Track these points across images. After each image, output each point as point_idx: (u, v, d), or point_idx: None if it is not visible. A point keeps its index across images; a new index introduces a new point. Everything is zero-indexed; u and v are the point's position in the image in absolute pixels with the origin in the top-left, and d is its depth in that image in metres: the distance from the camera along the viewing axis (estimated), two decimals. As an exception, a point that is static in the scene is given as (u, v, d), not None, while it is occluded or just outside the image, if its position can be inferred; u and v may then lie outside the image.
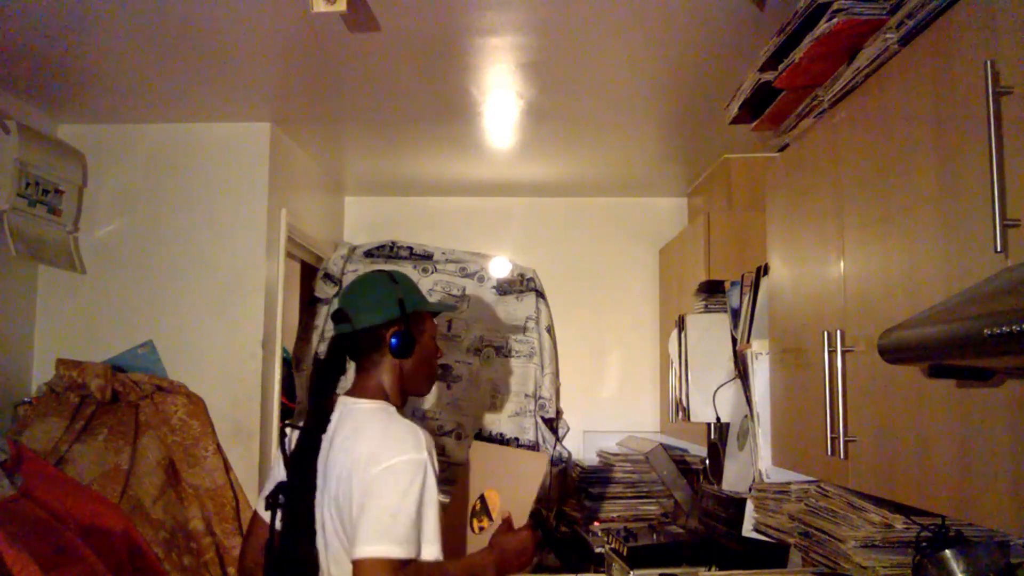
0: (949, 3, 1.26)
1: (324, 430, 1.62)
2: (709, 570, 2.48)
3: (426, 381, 1.78)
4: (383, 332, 1.68)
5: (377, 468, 1.49)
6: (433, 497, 1.52)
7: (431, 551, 1.49)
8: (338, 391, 1.72)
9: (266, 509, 1.63)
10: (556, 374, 3.75)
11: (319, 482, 1.58)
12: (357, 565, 1.45)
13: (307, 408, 1.65)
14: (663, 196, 3.93)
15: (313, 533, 1.57)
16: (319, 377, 1.70)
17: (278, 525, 1.62)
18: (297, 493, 1.59)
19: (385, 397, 1.68)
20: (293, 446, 1.66)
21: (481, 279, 3.74)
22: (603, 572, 2.87)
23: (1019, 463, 1.07)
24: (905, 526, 1.56)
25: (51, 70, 2.42)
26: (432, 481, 1.52)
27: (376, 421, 1.61)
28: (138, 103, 2.72)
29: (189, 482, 2.63)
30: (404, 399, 1.73)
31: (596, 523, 3.31)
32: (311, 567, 1.57)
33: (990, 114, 1.09)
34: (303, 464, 1.60)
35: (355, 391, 1.69)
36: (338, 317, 1.70)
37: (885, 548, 1.59)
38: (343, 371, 1.72)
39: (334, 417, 1.64)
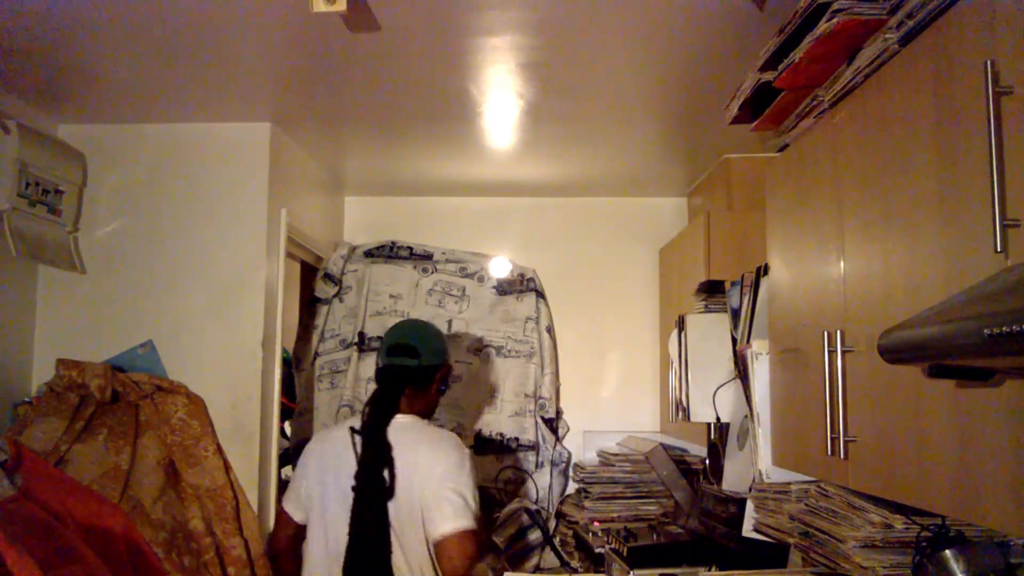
0: (949, 3, 1.26)
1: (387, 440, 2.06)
2: (709, 570, 2.48)
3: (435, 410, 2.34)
4: (436, 372, 2.22)
5: (443, 465, 2.01)
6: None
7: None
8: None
9: (358, 497, 2.00)
10: (556, 374, 3.76)
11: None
12: (446, 539, 1.94)
13: (370, 422, 2.08)
14: (663, 196, 3.93)
15: (387, 527, 1.98)
16: (385, 398, 2.12)
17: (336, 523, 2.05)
18: (375, 494, 2.00)
19: (422, 416, 2.20)
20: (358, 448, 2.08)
21: (481, 279, 3.74)
22: (603, 572, 2.87)
23: (1019, 463, 1.07)
24: (905, 526, 1.56)
25: (51, 70, 2.42)
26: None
27: (427, 431, 2.14)
28: (138, 103, 2.72)
29: (189, 482, 2.63)
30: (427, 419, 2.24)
31: (596, 523, 3.31)
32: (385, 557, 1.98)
33: (990, 114, 1.09)
34: (377, 468, 2.01)
35: (400, 410, 2.14)
36: (406, 352, 2.17)
37: (885, 548, 1.59)
38: (404, 393, 2.16)
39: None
